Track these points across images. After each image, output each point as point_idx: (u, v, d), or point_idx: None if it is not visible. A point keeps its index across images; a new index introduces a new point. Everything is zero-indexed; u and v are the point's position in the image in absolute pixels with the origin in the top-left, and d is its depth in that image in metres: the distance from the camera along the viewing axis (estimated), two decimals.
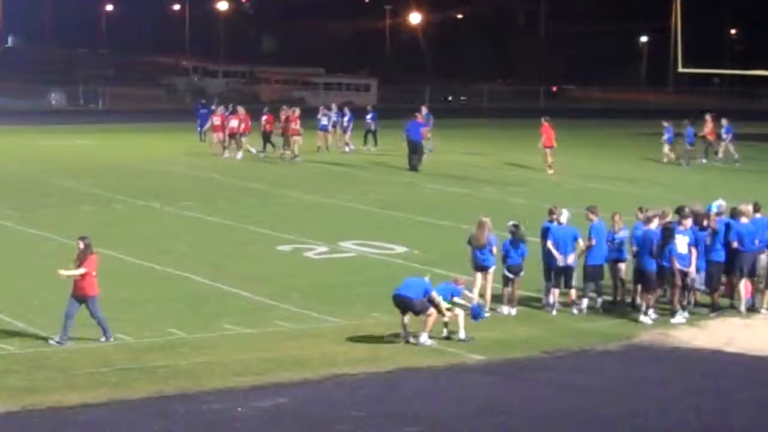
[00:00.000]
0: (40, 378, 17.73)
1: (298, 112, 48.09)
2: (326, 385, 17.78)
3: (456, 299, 20.66)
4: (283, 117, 47.97)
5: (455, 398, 17.28)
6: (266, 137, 48.66)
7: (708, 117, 50.50)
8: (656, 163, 50.03)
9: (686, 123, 49.75)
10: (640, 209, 23.62)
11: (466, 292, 21.20)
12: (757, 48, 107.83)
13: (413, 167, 45.08)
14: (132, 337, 20.12)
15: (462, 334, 20.35)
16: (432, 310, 20.22)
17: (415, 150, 45.65)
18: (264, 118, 48.76)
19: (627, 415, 16.64)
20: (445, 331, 20.48)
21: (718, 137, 50.71)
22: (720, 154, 50.67)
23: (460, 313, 20.42)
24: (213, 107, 50.89)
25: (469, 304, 21.01)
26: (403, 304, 20.19)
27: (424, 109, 50.64)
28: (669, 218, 23.07)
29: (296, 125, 47.36)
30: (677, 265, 22.16)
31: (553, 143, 45.42)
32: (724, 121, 50.65)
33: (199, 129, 52.46)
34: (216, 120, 48.53)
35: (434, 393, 17.56)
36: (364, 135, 52.30)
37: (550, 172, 44.65)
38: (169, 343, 19.83)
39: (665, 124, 50.34)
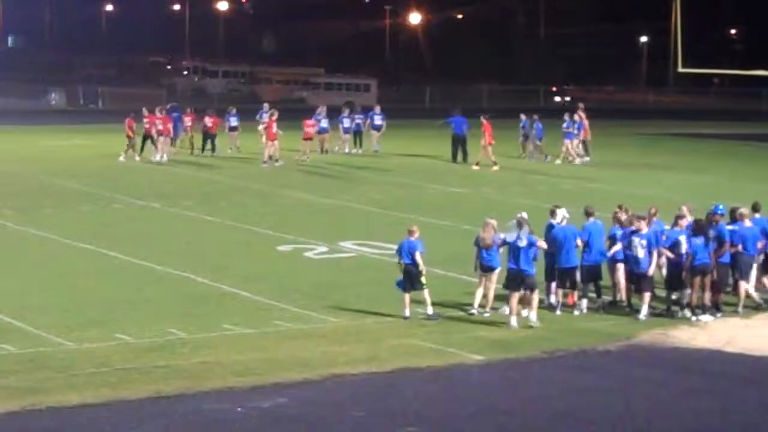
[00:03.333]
0: (40, 378, 17.73)
1: (276, 115, 46.12)
2: (326, 385, 17.78)
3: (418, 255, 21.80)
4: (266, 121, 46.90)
5: (455, 398, 17.28)
6: (208, 137, 47.75)
7: (581, 113, 49.91)
8: (651, 164, 50.05)
9: (535, 118, 49.57)
10: (620, 207, 23.74)
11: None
12: (757, 48, 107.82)
13: (454, 158, 47.65)
14: (132, 337, 20.12)
15: (429, 310, 21.61)
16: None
17: (458, 143, 47.78)
18: (210, 119, 48.02)
19: (627, 415, 16.64)
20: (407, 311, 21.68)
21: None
22: (530, 151, 50.04)
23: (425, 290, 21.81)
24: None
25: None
26: (408, 273, 21.66)
27: (377, 107, 51.70)
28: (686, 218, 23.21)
29: (274, 129, 45.57)
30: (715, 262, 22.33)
31: (492, 140, 46.26)
32: (536, 116, 50.13)
33: (174, 135, 48.64)
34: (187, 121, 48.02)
35: (434, 393, 17.56)
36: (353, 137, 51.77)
37: (495, 168, 45.40)
38: (169, 343, 19.83)
39: (522, 117, 50.22)
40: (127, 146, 45.87)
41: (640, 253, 22.25)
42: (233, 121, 49.75)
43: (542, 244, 21.91)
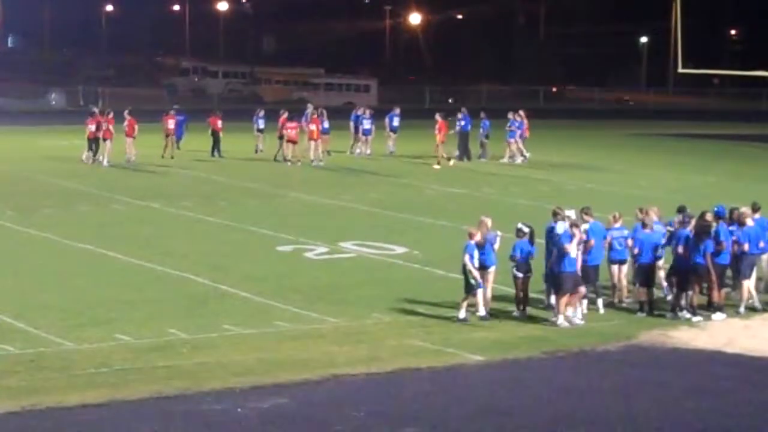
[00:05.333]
0: (40, 378, 17.74)
1: (317, 113, 46.87)
2: (326, 385, 17.78)
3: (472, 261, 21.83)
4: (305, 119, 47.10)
5: (455, 398, 17.28)
6: (216, 139, 47.70)
7: (522, 113, 49.86)
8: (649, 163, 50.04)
9: (483, 116, 49.61)
10: (641, 210, 23.65)
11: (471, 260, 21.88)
12: (757, 48, 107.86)
13: (462, 157, 48.28)
14: (132, 337, 20.12)
15: (482, 311, 21.59)
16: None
17: (464, 141, 48.66)
18: (220, 120, 47.94)
19: (627, 416, 16.64)
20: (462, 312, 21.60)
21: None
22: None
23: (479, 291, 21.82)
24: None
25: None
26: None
27: (397, 109, 51.75)
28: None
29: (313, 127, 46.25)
30: (710, 263, 22.38)
31: (445, 139, 46.85)
32: (482, 114, 50.20)
33: (177, 136, 48.76)
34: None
35: (434, 393, 17.56)
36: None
37: (437, 166, 45.67)
38: (168, 343, 19.83)
39: (459, 114, 49.98)
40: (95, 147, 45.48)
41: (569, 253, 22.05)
42: (261, 123, 49.56)
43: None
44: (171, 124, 47.58)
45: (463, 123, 48.87)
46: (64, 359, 18.78)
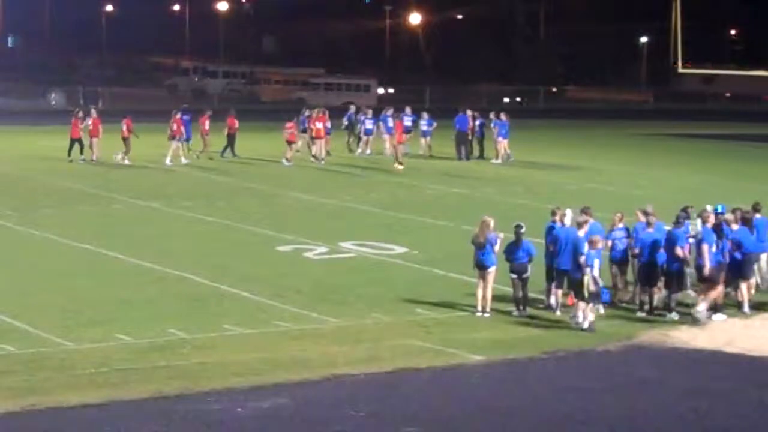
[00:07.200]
0: (40, 378, 17.73)
1: (319, 113, 47.12)
2: (326, 385, 17.78)
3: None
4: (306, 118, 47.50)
5: (455, 398, 17.28)
6: (231, 139, 47.47)
7: (469, 113, 49.92)
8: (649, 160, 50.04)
9: (476, 115, 49.62)
10: (642, 211, 23.63)
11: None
12: (757, 48, 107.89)
13: (461, 158, 48.60)
14: (132, 337, 20.12)
15: (586, 323, 21.37)
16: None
17: (461, 142, 48.97)
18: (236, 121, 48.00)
19: (627, 415, 16.65)
20: (580, 315, 21.42)
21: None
22: (421, 151, 50.00)
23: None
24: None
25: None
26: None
27: (408, 109, 51.45)
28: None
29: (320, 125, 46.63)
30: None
31: (402, 139, 46.94)
32: (425, 114, 50.24)
33: (185, 137, 47.03)
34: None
35: (434, 393, 17.56)
36: (358, 138, 51.40)
37: (400, 167, 45.33)
38: (169, 343, 19.83)
39: (425, 115, 50.12)
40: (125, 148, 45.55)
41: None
42: (305, 124, 49.58)
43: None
44: (207, 124, 47.39)
45: (430, 125, 49.50)
46: (64, 359, 18.78)
